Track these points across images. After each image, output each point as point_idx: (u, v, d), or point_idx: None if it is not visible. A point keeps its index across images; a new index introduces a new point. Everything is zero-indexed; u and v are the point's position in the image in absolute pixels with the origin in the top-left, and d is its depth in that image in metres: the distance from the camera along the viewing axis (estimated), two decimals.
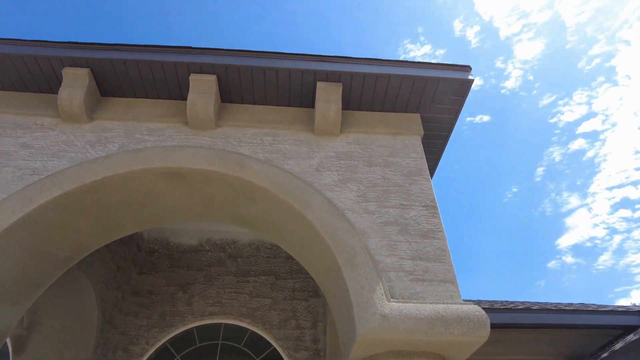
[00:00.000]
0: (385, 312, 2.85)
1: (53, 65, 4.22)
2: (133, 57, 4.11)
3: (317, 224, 3.38)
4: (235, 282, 6.72)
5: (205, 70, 4.19)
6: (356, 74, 4.24)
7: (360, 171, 3.98)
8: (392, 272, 3.22)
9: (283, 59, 4.25)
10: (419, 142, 4.35)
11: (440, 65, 4.41)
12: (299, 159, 4.02)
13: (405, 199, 3.78)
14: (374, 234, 3.45)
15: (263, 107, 4.47)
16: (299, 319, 6.33)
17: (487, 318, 2.88)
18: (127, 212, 4.14)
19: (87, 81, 4.17)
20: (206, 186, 4.02)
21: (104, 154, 3.87)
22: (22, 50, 4.12)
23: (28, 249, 3.62)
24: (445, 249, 3.43)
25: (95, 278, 5.40)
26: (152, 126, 4.19)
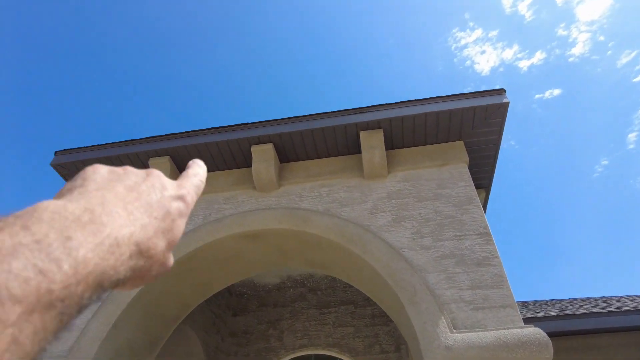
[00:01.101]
0: (449, 344, 3.16)
1: (141, 158, 5.10)
2: (203, 141, 4.86)
3: (377, 266, 3.77)
4: (318, 314, 7.23)
5: (262, 141, 4.82)
6: (394, 118, 4.63)
7: (412, 207, 4.32)
8: (453, 303, 3.51)
9: (326, 117, 4.76)
10: (465, 170, 4.59)
11: (473, 94, 4.65)
12: (353, 205, 4.46)
13: (459, 230, 4.05)
14: (432, 269, 3.76)
15: (316, 161, 4.99)
16: (383, 344, 6.66)
17: (549, 340, 3.06)
18: (217, 272, 4.83)
19: (168, 166, 4.98)
20: (278, 241, 4.59)
21: (191, 227, 4.60)
22: (119, 151, 5.04)
23: (146, 313, 4.41)
24: (502, 275, 3.64)
25: (197, 327, 6.20)
26: (227, 195, 4.87)
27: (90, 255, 0.25)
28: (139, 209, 0.32)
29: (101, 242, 0.26)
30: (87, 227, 0.26)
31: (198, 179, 0.44)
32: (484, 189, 5.54)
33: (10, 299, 0.20)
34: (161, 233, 0.33)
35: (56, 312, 0.22)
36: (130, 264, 0.29)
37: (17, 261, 0.21)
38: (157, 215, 0.33)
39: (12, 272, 0.20)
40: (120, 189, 0.33)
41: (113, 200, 0.31)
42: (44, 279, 0.22)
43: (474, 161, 5.01)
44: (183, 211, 0.37)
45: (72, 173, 5.34)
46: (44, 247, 0.23)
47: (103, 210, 0.29)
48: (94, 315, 4.08)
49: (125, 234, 0.29)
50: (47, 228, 0.24)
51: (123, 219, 0.30)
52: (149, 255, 0.31)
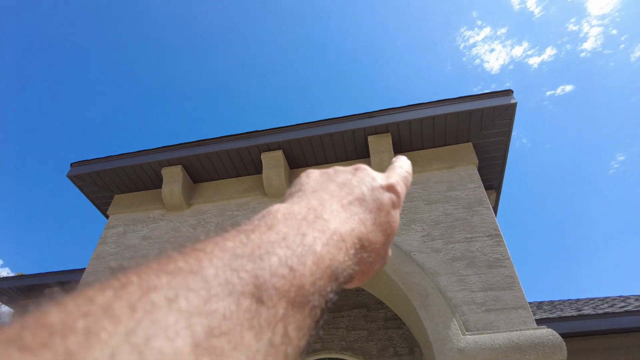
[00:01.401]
0: (461, 346, 3.17)
1: (154, 167, 5.20)
2: (214, 149, 4.94)
3: (389, 271, 3.80)
4: (330, 318, 7.26)
5: (272, 148, 4.89)
6: (402, 122, 4.66)
7: (422, 211, 4.35)
8: (465, 305, 3.52)
9: (334, 123, 4.81)
10: (475, 172, 4.60)
11: (481, 95, 4.66)
12: None
13: (469, 232, 4.07)
14: (443, 272, 3.78)
15: (325, 166, 5.03)
16: (396, 347, 6.66)
17: (562, 341, 3.07)
18: None
19: (181, 175, 5.07)
20: None
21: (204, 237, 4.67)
22: (133, 161, 5.15)
23: None
24: (513, 276, 3.65)
25: None
26: (238, 201, 4.95)
27: (324, 250, 0.26)
28: (353, 203, 0.33)
29: (330, 237, 0.27)
30: (316, 225, 0.27)
31: (404, 169, 0.43)
32: (494, 189, 5.54)
33: (278, 295, 0.20)
34: (379, 225, 0.33)
35: (310, 307, 0.23)
36: (356, 259, 0.30)
37: (273, 258, 0.22)
38: (371, 208, 0.34)
39: (272, 270, 0.21)
40: (333, 187, 0.34)
41: (329, 198, 0.32)
42: (295, 276, 0.22)
43: (483, 162, 5.02)
44: (395, 202, 0.37)
45: (88, 184, 5.47)
46: (289, 244, 0.24)
47: (324, 208, 0.30)
48: None
49: (348, 229, 0.30)
50: (285, 227, 0.25)
51: (342, 215, 0.30)
52: (371, 249, 0.32)
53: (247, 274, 0.20)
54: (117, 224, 5.21)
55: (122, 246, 4.92)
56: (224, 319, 0.17)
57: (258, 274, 0.20)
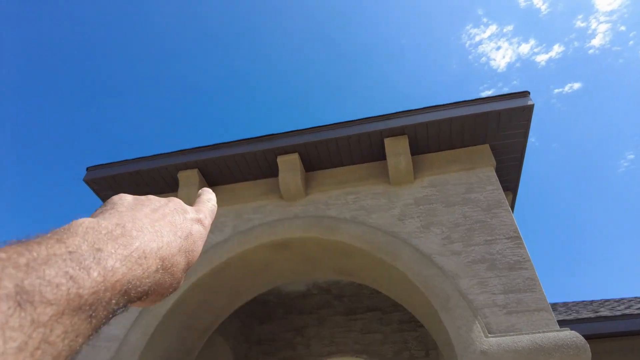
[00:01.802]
0: (484, 349, 3.16)
1: (170, 171, 5.23)
2: (230, 152, 4.96)
3: (409, 274, 3.79)
4: (345, 321, 7.24)
5: (288, 151, 4.90)
6: (418, 124, 4.66)
7: (441, 213, 4.33)
8: (486, 308, 3.50)
9: (350, 126, 4.81)
10: (492, 173, 4.58)
11: (498, 97, 4.65)
12: (380, 212, 4.49)
13: (489, 234, 4.05)
14: (464, 274, 3.77)
15: (341, 169, 5.04)
16: (412, 350, 6.64)
17: (586, 343, 3.04)
18: (248, 281, 4.92)
19: (197, 179, 5.10)
20: (307, 250, 4.65)
21: (222, 238, 4.70)
22: (149, 164, 5.19)
23: (181, 323, 4.51)
24: (534, 278, 3.63)
25: (227, 335, 6.29)
26: (255, 205, 4.96)
27: (118, 265, 0.27)
28: (165, 227, 0.35)
29: (130, 253, 0.29)
30: (119, 240, 0.29)
31: (212, 203, 0.47)
32: (510, 191, 5.51)
33: (42, 302, 0.22)
34: (184, 252, 0.36)
35: (86, 316, 0.24)
36: (155, 278, 0.31)
37: (50, 269, 0.23)
38: (180, 234, 0.36)
39: (45, 278, 0.22)
40: (147, 210, 0.36)
41: (142, 218, 0.34)
42: (74, 285, 0.24)
43: (500, 164, 4.99)
44: (202, 233, 0.40)
45: (104, 188, 5.52)
46: (75, 257, 0.25)
47: (134, 225, 0.32)
48: (132, 326, 4.20)
49: (153, 248, 0.31)
50: (80, 241, 0.26)
51: (151, 234, 0.32)
52: (171, 271, 0.34)
53: (11, 282, 0.21)
54: None
55: None
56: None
57: (25, 283, 0.21)
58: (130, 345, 4.04)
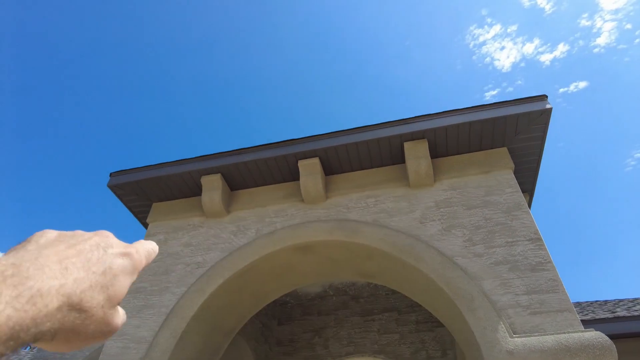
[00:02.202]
0: (510, 349, 3.23)
1: (193, 176, 5.36)
2: (252, 158, 5.08)
3: (433, 276, 3.88)
4: (362, 321, 7.33)
5: (308, 155, 5.00)
6: (438, 128, 4.73)
7: (462, 215, 4.41)
8: (510, 309, 3.58)
9: (369, 130, 4.90)
10: (511, 176, 4.64)
11: (515, 101, 4.71)
12: (401, 215, 4.58)
13: (510, 236, 4.12)
14: (487, 276, 3.84)
15: (361, 172, 5.14)
16: (429, 350, 6.71)
17: (612, 344, 3.10)
18: (271, 283, 5.03)
19: (220, 183, 5.21)
20: (329, 252, 4.75)
21: (245, 241, 4.81)
22: (172, 170, 5.32)
23: (207, 325, 4.63)
24: (557, 279, 3.69)
25: (248, 337, 6.40)
26: (276, 208, 5.07)
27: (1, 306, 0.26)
28: (75, 264, 0.33)
29: (19, 294, 0.27)
30: (7, 281, 0.27)
31: (150, 246, 0.45)
32: (527, 192, 5.57)
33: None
34: (99, 287, 0.33)
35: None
36: (58, 317, 0.29)
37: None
38: (95, 270, 0.34)
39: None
40: (62, 247, 0.34)
41: (49, 256, 0.32)
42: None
43: (518, 166, 5.06)
44: (127, 268, 0.38)
45: (128, 193, 5.66)
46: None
47: (31, 264, 0.30)
48: (160, 328, 4.32)
49: (53, 286, 0.29)
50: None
51: (53, 272, 0.30)
52: (83, 308, 0.32)
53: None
54: (158, 231, 5.38)
55: (164, 253, 5.08)
56: None
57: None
58: (160, 347, 4.17)
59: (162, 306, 4.50)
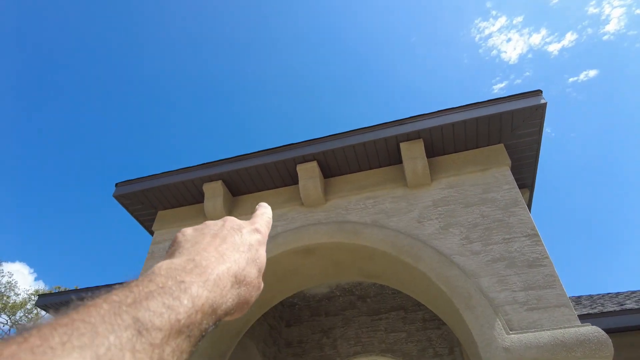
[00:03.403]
0: (506, 345, 3.27)
1: (196, 183, 5.47)
2: (252, 164, 5.17)
3: (431, 275, 3.92)
4: (369, 321, 7.39)
5: (307, 159, 5.08)
6: (433, 128, 4.78)
7: (459, 214, 4.45)
8: (507, 305, 3.61)
9: (366, 132, 4.96)
10: (508, 173, 4.66)
11: (510, 97, 4.73)
12: (400, 215, 4.63)
13: (507, 233, 4.15)
14: (484, 273, 3.88)
15: (359, 174, 5.20)
16: (436, 347, 6.74)
17: (608, 338, 3.12)
18: (276, 287, 5.11)
19: (222, 190, 5.32)
20: (332, 254, 4.82)
21: None
22: (175, 178, 5.44)
23: (214, 329, 4.73)
24: (554, 275, 3.72)
25: (256, 339, 6.50)
26: (278, 212, 5.15)
27: (200, 290, 0.32)
28: (228, 249, 0.39)
29: (207, 279, 0.33)
30: (194, 271, 0.33)
31: (266, 215, 0.53)
32: (527, 188, 5.57)
33: (154, 328, 0.26)
34: (252, 262, 0.41)
35: (185, 336, 0.29)
36: (233, 293, 0.36)
37: (151, 302, 0.28)
38: (243, 249, 0.41)
39: (150, 309, 0.27)
40: (207, 238, 0.41)
41: (206, 248, 0.38)
42: (172, 312, 0.28)
43: (516, 162, 5.07)
44: (261, 240, 0.45)
45: (133, 203, 5.79)
46: (166, 290, 0.30)
47: (201, 257, 0.36)
48: None
49: (224, 269, 0.36)
50: (165, 279, 0.31)
51: (218, 259, 0.37)
52: (246, 282, 0.38)
53: (129, 316, 0.26)
54: (163, 239, 5.50)
55: None
56: (108, 349, 0.23)
57: (138, 315, 0.26)
58: None
59: None
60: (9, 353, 0.21)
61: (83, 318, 0.25)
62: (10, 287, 20.10)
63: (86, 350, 0.23)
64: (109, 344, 0.24)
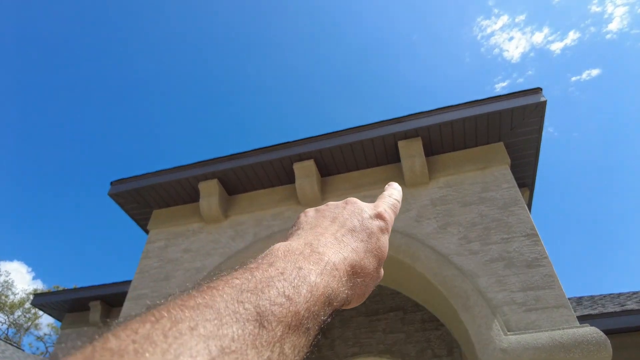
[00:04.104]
0: (504, 347, 3.20)
1: (191, 182, 5.41)
2: (248, 162, 5.11)
3: (429, 275, 3.86)
4: (368, 321, 7.31)
5: (303, 158, 5.01)
6: (431, 126, 4.71)
7: (457, 213, 4.38)
8: (505, 306, 3.54)
9: (363, 130, 4.90)
10: (508, 171, 4.60)
11: (509, 95, 4.66)
12: (398, 214, 4.55)
13: (506, 232, 4.08)
14: (482, 273, 3.81)
15: (356, 173, 5.13)
16: (435, 348, 6.66)
17: (607, 339, 3.05)
18: None
19: (217, 188, 5.25)
20: None
21: (243, 245, 4.84)
22: (170, 177, 5.38)
23: None
24: (552, 275, 3.65)
25: None
26: (274, 211, 5.09)
27: (318, 279, 0.30)
28: (345, 235, 0.37)
29: (323, 268, 0.31)
30: (310, 258, 0.31)
31: (393, 198, 0.48)
32: (527, 187, 5.50)
33: (275, 320, 0.25)
34: (370, 252, 0.37)
35: (304, 329, 0.27)
36: (349, 283, 0.33)
37: (271, 290, 0.26)
38: (362, 237, 0.38)
39: (271, 299, 0.26)
40: (327, 222, 0.39)
41: (324, 234, 0.36)
42: (292, 304, 0.26)
43: (516, 161, 5.00)
44: (383, 227, 0.41)
45: (129, 202, 5.73)
46: (286, 277, 0.28)
47: (319, 242, 0.34)
48: None
49: (340, 258, 0.34)
50: (284, 263, 0.30)
51: (336, 247, 0.34)
52: (364, 273, 0.36)
53: (251, 305, 0.25)
54: (158, 238, 5.44)
55: (164, 260, 5.13)
56: (232, 341, 0.22)
57: (260, 304, 0.25)
58: None
59: None
60: (144, 333, 0.20)
61: (207, 302, 0.24)
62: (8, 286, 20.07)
63: (212, 340, 0.22)
64: (232, 335, 0.23)
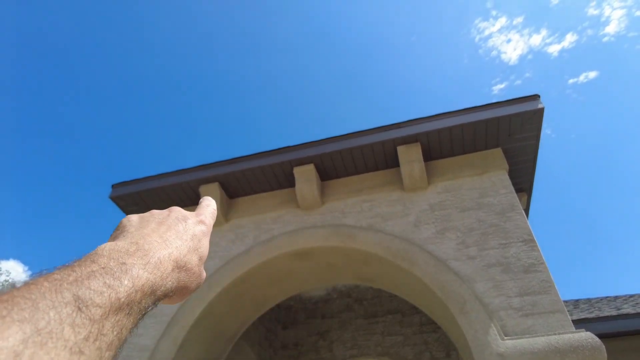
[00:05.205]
0: (500, 351, 3.25)
1: (192, 185, 5.45)
2: (248, 166, 5.15)
3: (426, 280, 3.91)
4: (366, 324, 7.36)
5: (304, 162, 5.06)
6: (430, 131, 4.76)
7: (455, 218, 4.43)
8: (502, 311, 3.60)
9: (363, 135, 4.95)
10: (505, 177, 4.65)
11: (507, 102, 4.72)
12: (396, 219, 4.61)
13: (503, 238, 4.13)
14: (479, 278, 3.86)
15: (356, 177, 5.18)
16: (433, 351, 6.72)
17: (602, 344, 3.11)
18: (271, 289, 5.10)
19: (218, 192, 5.30)
20: (327, 257, 4.80)
21: (243, 249, 4.89)
22: (171, 180, 5.42)
23: (208, 332, 4.71)
24: (549, 280, 3.70)
25: (252, 341, 6.48)
26: (274, 215, 5.14)
27: (141, 272, 0.34)
28: (171, 235, 0.42)
29: (147, 262, 0.36)
30: (136, 254, 0.36)
31: (211, 207, 0.55)
32: (525, 192, 5.56)
33: (93, 305, 0.28)
34: (193, 250, 0.43)
35: (125, 313, 0.31)
36: (173, 277, 0.38)
37: (93, 282, 0.30)
38: (185, 238, 0.43)
39: (91, 288, 0.29)
40: (153, 225, 0.43)
41: (150, 234, 0.41)
42: (113, 291, 0.30)
43: (514, 166, 5.06)
44: (205, 231, 0.48)
45: (129, 204, 5.77)
46: (108, 271, 0.32)
47: (144, 241, 0.39)
48: (162, 336, 4.42)
49: (165, 254, 0.38)
50: (107, 259, 0.33)
51: (160, 244, 0.39)
52: (187, 268, 0.41)
53: (69, 293, 0.28)
54: None
55: None
56: (48, 323, 0.25)
57: (78, 293, 0.28)
58: (162, 355, 4.26)
59: (163, 315, 4.59)
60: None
61: (23, 294, 0.26)
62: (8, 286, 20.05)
63: (26, 324, 0.24)
64: (48, 319, 0.25)
